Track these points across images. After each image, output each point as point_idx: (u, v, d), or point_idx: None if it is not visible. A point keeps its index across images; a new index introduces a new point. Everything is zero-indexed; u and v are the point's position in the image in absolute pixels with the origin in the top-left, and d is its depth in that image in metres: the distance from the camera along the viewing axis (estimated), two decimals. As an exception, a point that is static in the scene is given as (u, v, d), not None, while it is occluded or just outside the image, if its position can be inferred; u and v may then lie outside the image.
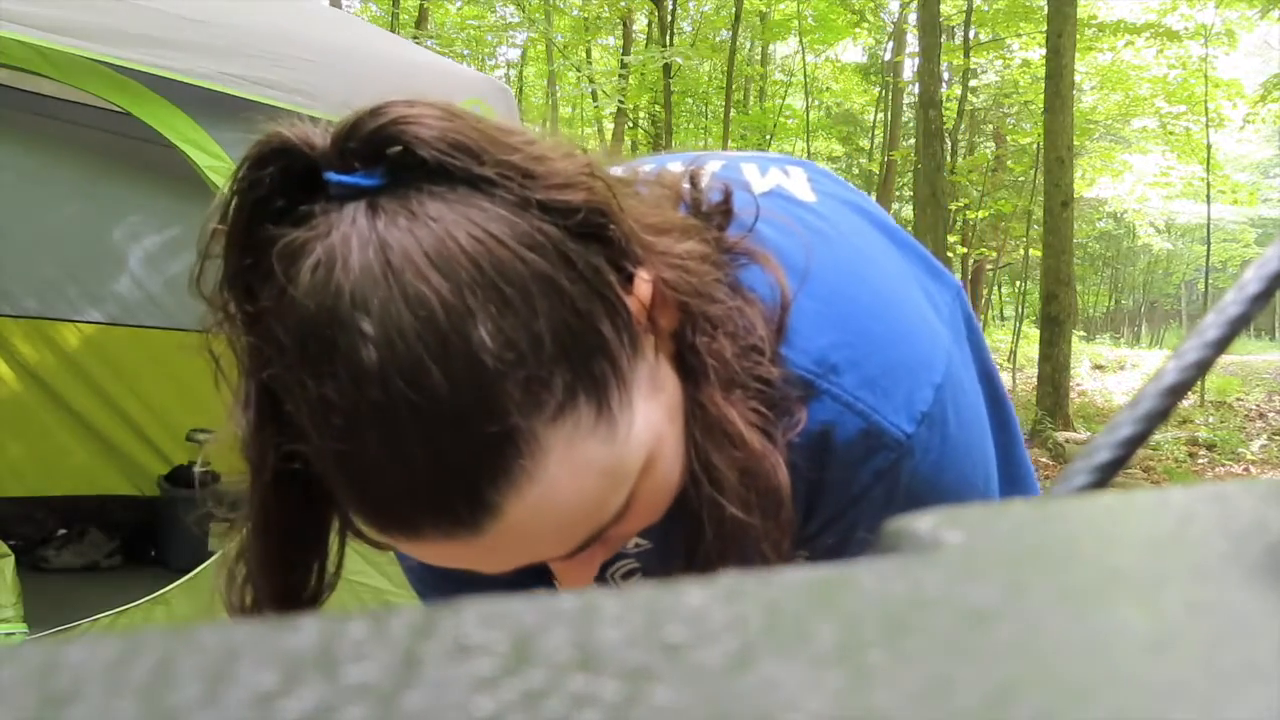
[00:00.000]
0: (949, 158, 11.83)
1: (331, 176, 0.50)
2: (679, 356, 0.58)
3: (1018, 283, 14.96)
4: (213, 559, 2.50)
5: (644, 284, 0.55)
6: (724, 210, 0.64)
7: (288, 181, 0.51)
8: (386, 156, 0.50)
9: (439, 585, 0.79)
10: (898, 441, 0.62)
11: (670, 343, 0.58)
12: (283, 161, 0.51)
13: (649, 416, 0.55)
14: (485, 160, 0.50)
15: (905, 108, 16.01)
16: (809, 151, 14.92)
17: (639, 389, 0.54)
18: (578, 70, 15.93)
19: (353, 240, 0.48)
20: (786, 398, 0.60)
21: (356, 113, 0.51)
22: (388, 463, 0.49)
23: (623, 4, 14.16)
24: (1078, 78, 10.40)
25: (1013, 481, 0.76)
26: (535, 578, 0.74)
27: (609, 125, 15.61)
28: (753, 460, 0.58)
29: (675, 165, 0.69)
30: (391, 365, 0.47)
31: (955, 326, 0.72)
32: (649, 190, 0.61)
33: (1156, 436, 7.75)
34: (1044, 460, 7.05)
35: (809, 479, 0.62)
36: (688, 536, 0.60)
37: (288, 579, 0.61)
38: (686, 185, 0.65)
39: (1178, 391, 0.25)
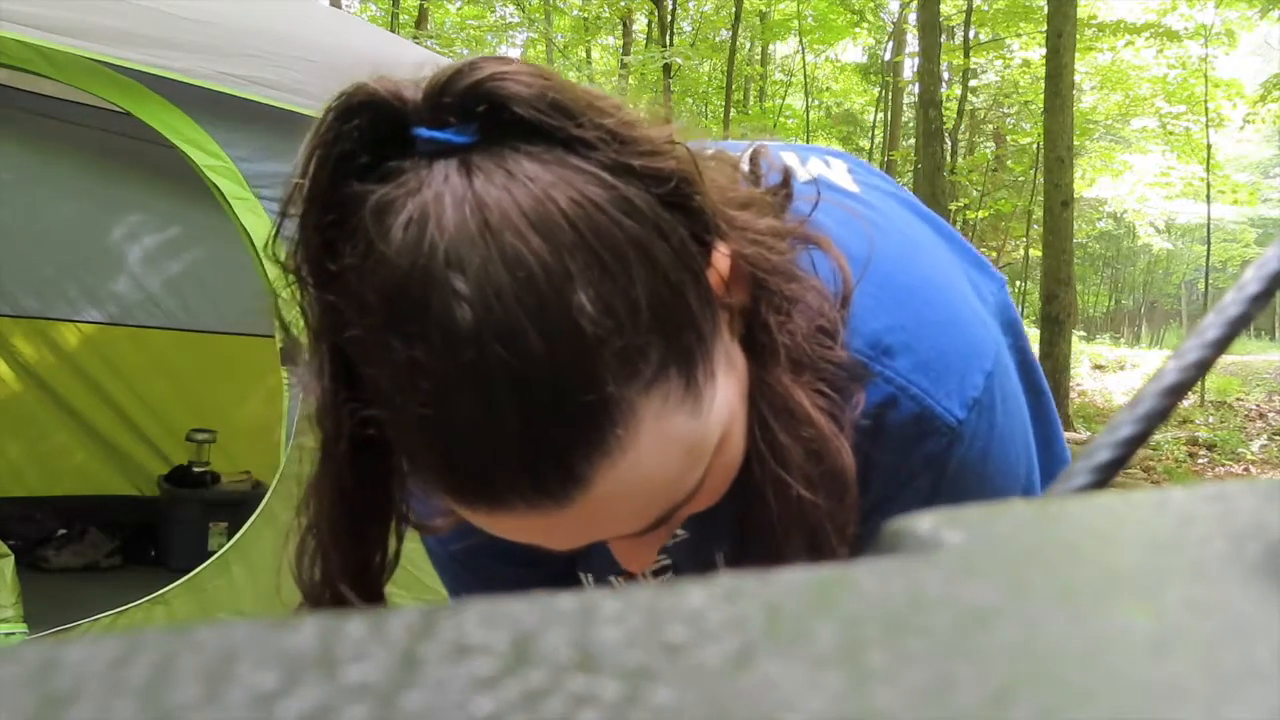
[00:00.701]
0: (949, 158, 11.83)
1: (423, 132, 0.48)
2: (748, 333, 0.57)
3: (1018, 283, 14.96)
4: (212, 559, 2.50)
5: (722, 258, 0.54)
6: (785, 194, 0.63)
7: (374, 135, 0.49)
8: (480, 113, 0.48)
9: (472, 579, 0.78)
10: (950, 427, 0.62)
11: (740, 319, 0.57)
12: (370, 115, 0.49)
13: (726, 393, 0.54)
14: (583, 123, 0.49)
15: (905, 108, 16.01)
16: (809, 151, 14.87)
17: (719, 364, 0.54)
18: (578, 70, 15.93)
19: (446, 198, 0.47)
20: (847, 380, 0.60)
21: (449, 68, 0.49)
22: (478, 429, 0.47)
23: (623, 4, 14.16)
24: (1078, 78, 10.40)
25: (1053, 476, 0.76)
26: (571, 578, 0.74)
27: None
28: (820, 441, 0.58)
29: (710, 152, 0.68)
30: (488, 327, 0.46)
31: (1000, 318, 0.72)
32: (718, 165, 0.60)
33: (1156, 436, 7.74)
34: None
35: (860, 462, 0.62)
36: (748, 518, 0.59)
37: (360, 552, 0.60)
38: (746, 165, 0.63)
39: (1178, 391, 0.25)
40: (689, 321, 0.51)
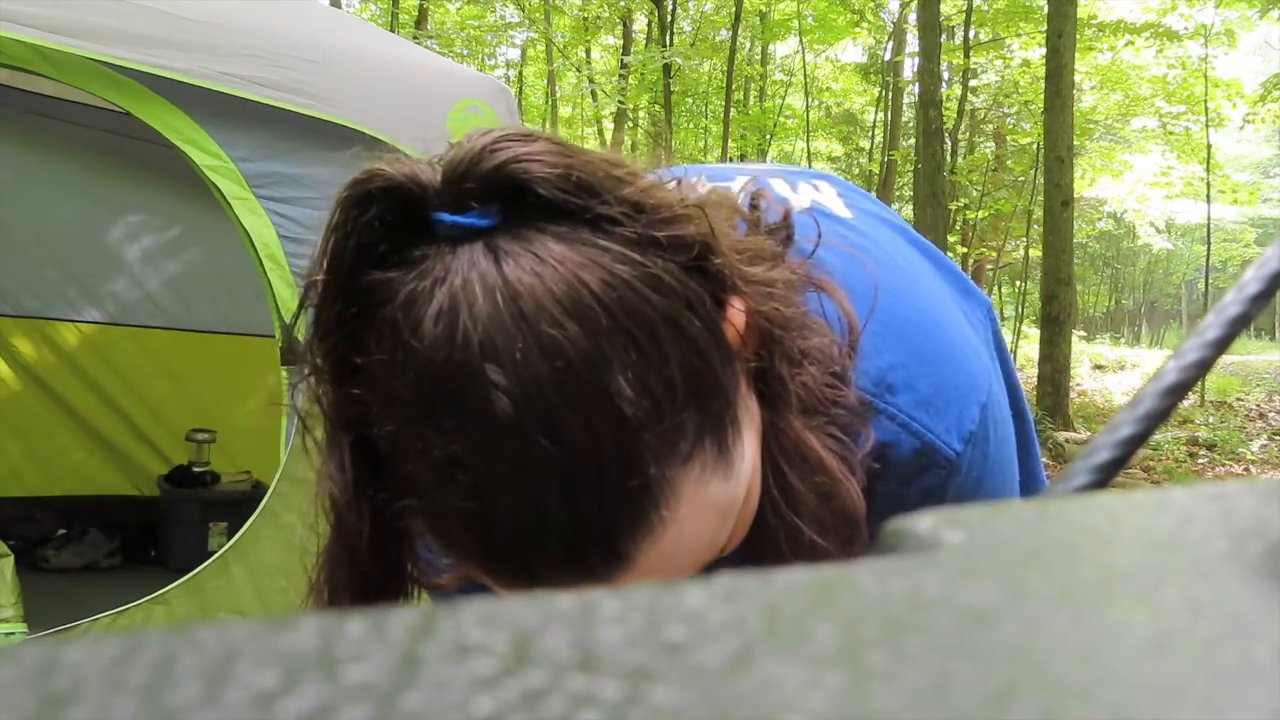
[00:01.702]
0: (949, 158, 11.83)
1: (444, 217, 0.47)
2: (761, 382, 0.57)
3: (1018, 283, 14.96)
4: (212, 559, 2.50)
5: (738, 313, 0.54)
6: (785, 235, 0.62)
7: (392, 222, 0.48)
8: (501, 196, 0.47)
9: None
10: (949, 460, 0.63)
11: (751, 369, 0.57)
12: (387, 202, 0.48)
13: (749, 446, 0.54)
14: (607, 199, 0.48)
15: (905, 108, 16.01)
16: (809, 151, 14.92)
17: (744, 422, 0.54)
18: (578, 70, 15.94)
19: (475, 285, 0.46)
20: (856, 421, 0.60)
21: (468, 150, 0.48)
22: (522, 520, 0.47)
23: (623, 4, 14.16)
24: (1078, 78, 10.40)
25: (1029, 494, 0.78)
26: None
27: (609, 125, 15.61)
28: (831, 484, 0.58)
29: (701, 180, 0.67)
30: (528, 418, 0.45)
31: (987, 343, 0.73)
32: (722, 212, 0.59)
33: (1156, 436, 7.74)
34: (1044, 460, 7.04)
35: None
36: (761, 563, 0.59)
37: None
38: (745, 204, 0.63)
39: (1178, 391, 0.25)
40: (718, 389, 0.51)
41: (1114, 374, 13.33)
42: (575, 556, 0.48)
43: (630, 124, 15.58)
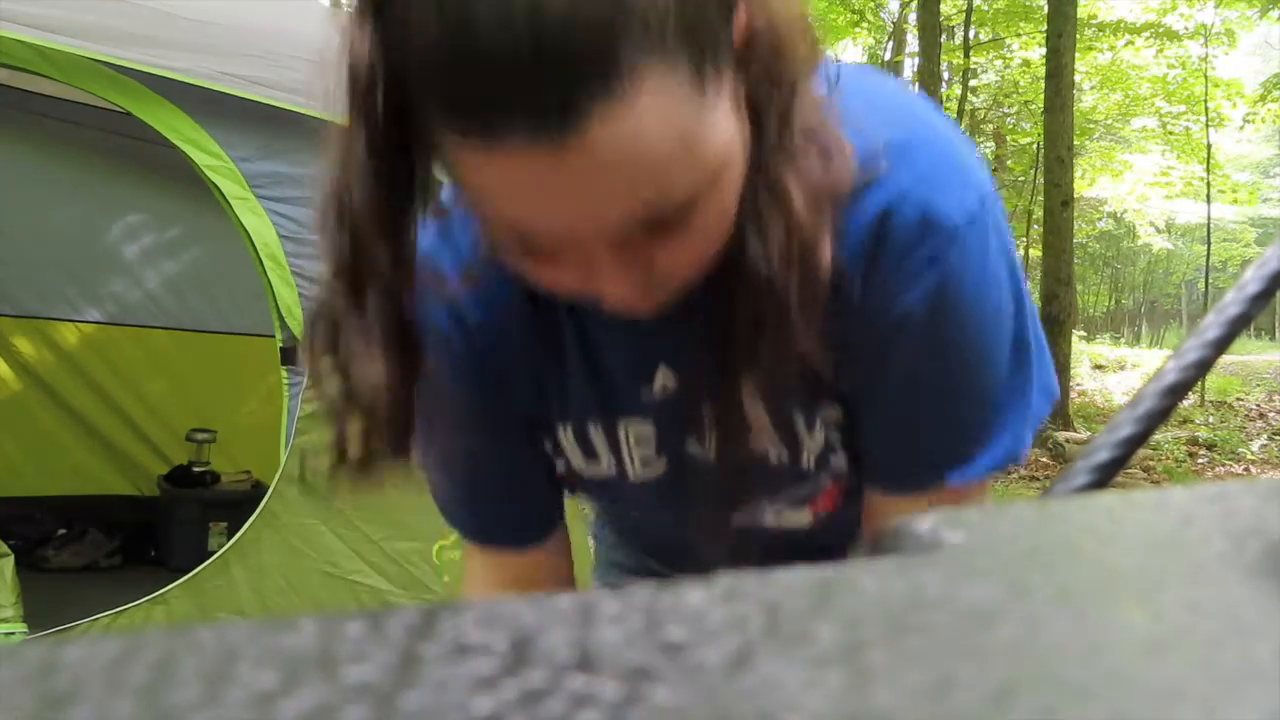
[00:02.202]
0: (949, 158, 11.79)
1: None
2: (753, 113, 0.59)
3: (1018, 283, 14.92)
4: (212, 559, 2.50)
5: (742, 14, 0.56)
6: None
7: None
8: None
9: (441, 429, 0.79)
10: (950, 227, 0.64)
11: (750, 95, 0.59)
12: None
13: (729, 127, 0.56)
14: None
15: (905, 108, 15.96)
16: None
17: (724, 92, 0.56)
18: (578, 70, 15.89)
19: None
20: (846, 185, 0.62)
21: None
22: (492, 42, 0.49)
23: (623, 4, 14.13)
24: (1078, 78, 10.40)
25: (1041, 350, 0.77)
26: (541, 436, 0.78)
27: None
28: (796, 222, 0.60)
29: None
30: None
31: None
32: None
33: (1156, 436, 7.74)
34: (1044, 460, 7.05)
35: (862, 266, 0.65)
36: (722, 300, 0.62)
37: (396, 231, 0.60)
38: None
39: (1178, 391, 0.25)
40: (708, 28, 0.53)
41: (1114, 374, 13.33)
42: (532, 103, 0.50)
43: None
